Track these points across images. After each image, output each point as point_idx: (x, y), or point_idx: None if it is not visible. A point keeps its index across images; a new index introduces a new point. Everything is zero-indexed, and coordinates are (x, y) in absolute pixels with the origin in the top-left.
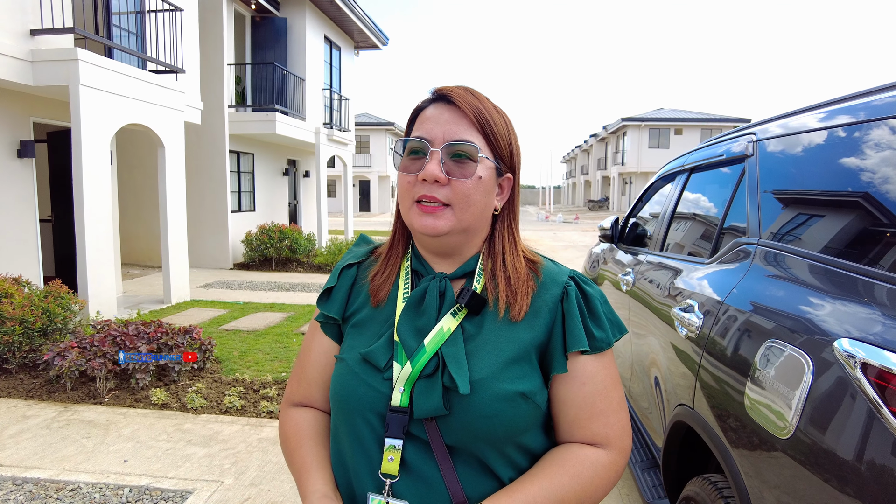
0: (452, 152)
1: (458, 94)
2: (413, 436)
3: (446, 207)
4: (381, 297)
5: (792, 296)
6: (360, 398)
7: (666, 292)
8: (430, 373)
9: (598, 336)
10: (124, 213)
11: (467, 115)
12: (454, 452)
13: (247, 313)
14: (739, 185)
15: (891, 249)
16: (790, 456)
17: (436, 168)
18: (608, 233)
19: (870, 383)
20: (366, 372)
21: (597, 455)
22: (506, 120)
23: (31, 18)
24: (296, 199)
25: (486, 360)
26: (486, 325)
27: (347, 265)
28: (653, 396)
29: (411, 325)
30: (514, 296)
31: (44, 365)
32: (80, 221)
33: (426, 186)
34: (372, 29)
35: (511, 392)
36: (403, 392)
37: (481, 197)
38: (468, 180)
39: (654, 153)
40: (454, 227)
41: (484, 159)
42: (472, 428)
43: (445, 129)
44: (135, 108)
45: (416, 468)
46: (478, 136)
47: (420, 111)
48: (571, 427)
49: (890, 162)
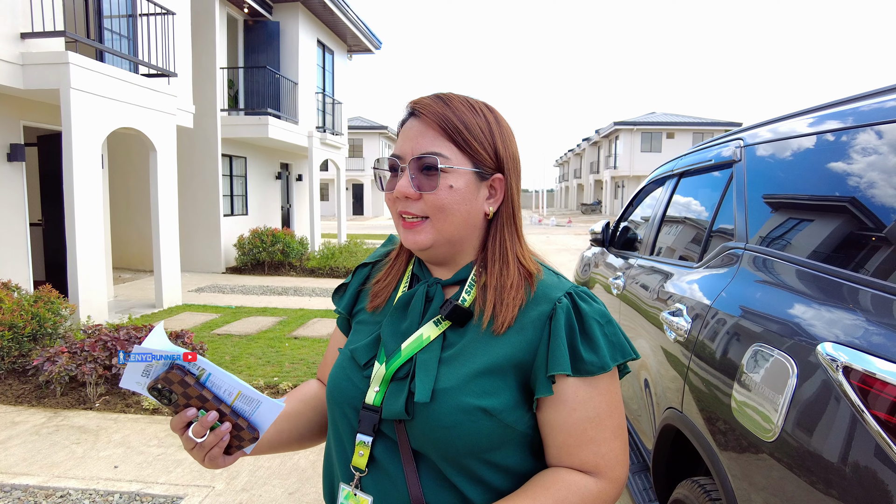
0: (420, 166)
1: (423, 106)
2: (384, 434)
3: (425, 220)
4: (377, 303)
5: (778, 300)
6: (341, 392)
7: (655, 296)
8: (401, 376)
9: (588, 359)
10: (116, 216)
11: (432, 127)
12: (420, 457)
13: (239, 317)
14: (727, 190)
15: (875, 254)
16: (776, 458)
17: (405, 184)
18: (599, 237)
19: (851, 387)
20: (350, 368)
21: (585, 482)
22: (488, 118)
23: (22, 21)
24: (289, 203)
25: (456, 371)
26: (468, 335)
27: (363, 264)
28: (643, 399)
29: (395, 328)
30: (500, 307)
31: (33, 370)
32: (71, 225)
33: (402, 202)
34: (365, 33)
35: (472, 406)
36: (378, 392)
37: (459, 206)
38: (438, 191)
39: (647, 157)
40: (435, 239)
41: (453, 168)
42: (432, 437)
43: (413, 143)
44: (126, 111)
45: (383, 466)
46: (446, 145)
47: (401, 125)
48: (560, 452)
49: (875, 167)
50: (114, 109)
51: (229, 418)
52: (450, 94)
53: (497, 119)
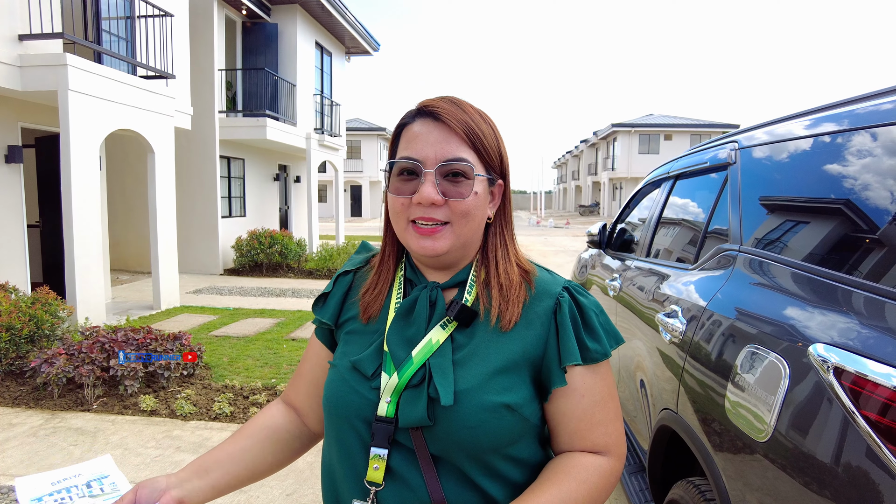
0: (446, 172)
1: (445, 110)
2: (399, 444)
3: (445, 226)
4: (371, 314)
5: (772, 302)
6: (347, 405)
7: (651, 297)
8: (416, 383)
9: (593, 348)
10: (113, 218)
11: (457, 132)
12: (439, 462)
13: (237, 319)
14: (723, 193)
15: (868, 257)
16: (769, 459)
17: (431, 191)
18: (596, 238)
19: (843, 388)
20: (355, 380)
21: (600, 462)
22: (492, 126)
23: (20, 23)
24: (286, 205)
25: (473, 371)
26: (477, 335)
27: (344, 272)
28: (639, 400)
29: (401, 336)
30: (505, 304)
31: (31, 372)
32: (69, 227)
33: (422, 209)
34: (363, 35)
35: (495, 403)
36: (390, 402)
37: (479, 211)
38: (467, 199)
39: (644, 158)
40: (453, 244)
41: (478, 176)
42: (456, 438)
43: (437, 148)
44: (124, 113)
45: (401, 476)
46: (469, 152)
47: (404, 126)
48: (572, 438)
49: (870, 170)
50: (112, 111)
51: None
52: (459, 98)
53: (495, 126)
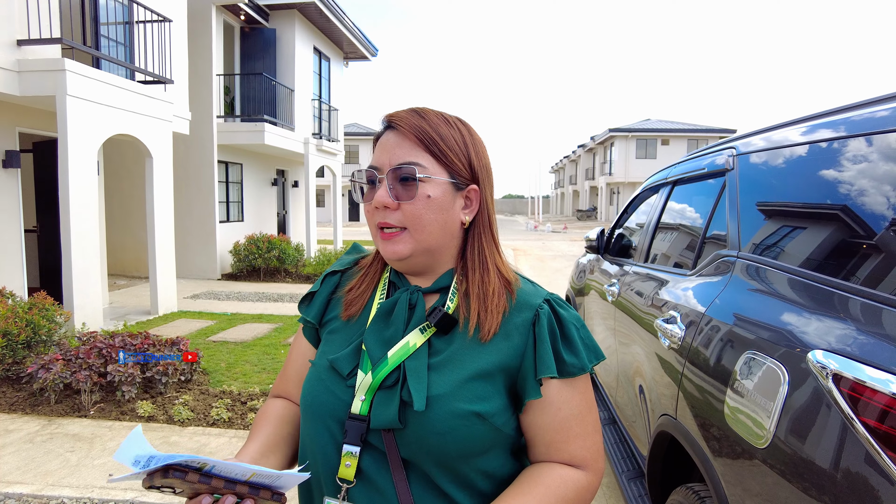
0: (398, 176)
1: (399, 118)
2: (371, 445)
3: (403, 231)
4: (352, 312)
5: (770, 308)
6: (322, 403)
7: (650, 303)
8: (390, 384)
9: (570, 361)
10: (111, 223)
11: (409, 137)
12: (409, 466)
13: (234, 324)
14: (720, 199)
15: (865, 263)
16: (769, 464)
17: (383, 194)
18: (594, 244)
19: (841, 394)
20: (331, 379)
21: (577, 475)
22: (461, 131)
23: (18, 28)
24: (285, 210)
25: (447, 377)
26: (455, 342)
27: (332, 272)
28: (637, 406)
29: (379, 336)
30: (485, 314)
31: (27, 378)
32: (66, 232)
33: (381, 213)
34: (361, 40)
35: (466, 411)
36: (364, 400)
37: (436, 215)
38: (416, 201)
39: (642, 163)
40: (414, 248)
41: (430, 178)
42: (425, 443)
43: (391, 154)
44: (122, 118)
45: (372, 477)
46: (423, 155)
47: (377, 140)
48: (548, 449)
49: (866, 176)
50: (110, 116)
51: (249, 495)
52: (425, 108)
53: (470, 132)
